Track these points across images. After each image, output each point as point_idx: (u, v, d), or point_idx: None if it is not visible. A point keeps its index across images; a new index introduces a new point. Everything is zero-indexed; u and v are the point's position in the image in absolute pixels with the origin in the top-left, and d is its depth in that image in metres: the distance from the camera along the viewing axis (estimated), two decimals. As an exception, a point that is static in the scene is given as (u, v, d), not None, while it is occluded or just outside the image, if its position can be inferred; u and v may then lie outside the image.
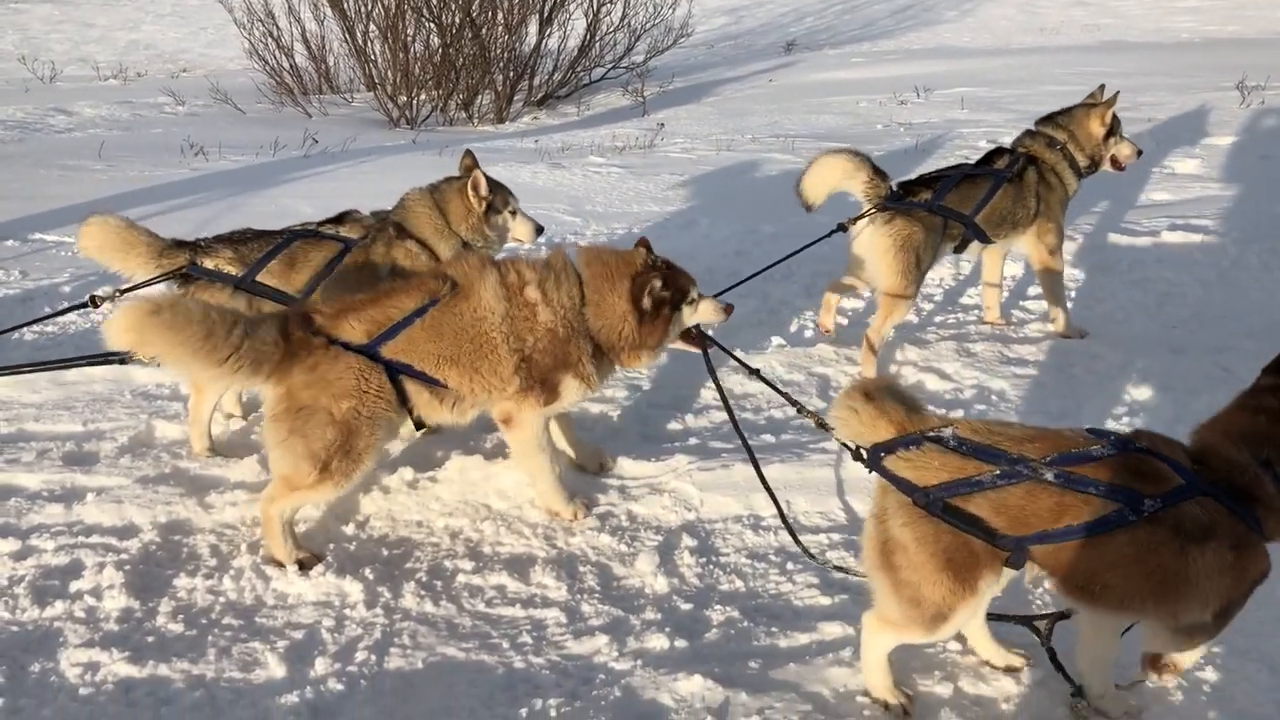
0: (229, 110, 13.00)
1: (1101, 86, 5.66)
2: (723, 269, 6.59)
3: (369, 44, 14.08)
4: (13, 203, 8.11)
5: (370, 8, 13.89)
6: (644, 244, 4.05)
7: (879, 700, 3.06)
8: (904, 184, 5.26)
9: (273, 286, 4.40)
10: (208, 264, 4.39)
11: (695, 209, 8.17)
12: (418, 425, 3.93)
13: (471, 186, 4.78)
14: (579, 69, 15.04)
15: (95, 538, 3.85)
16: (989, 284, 5.93)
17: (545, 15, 14.46)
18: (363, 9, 13.91)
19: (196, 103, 13.33)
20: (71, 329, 5.76)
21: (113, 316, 3.42)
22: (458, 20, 13.77)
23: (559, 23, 14.73)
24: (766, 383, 4.21)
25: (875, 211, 5.09)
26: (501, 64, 14.13)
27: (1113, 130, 5.55)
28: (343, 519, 4.07)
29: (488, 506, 4.12)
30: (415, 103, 13.59)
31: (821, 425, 3.50)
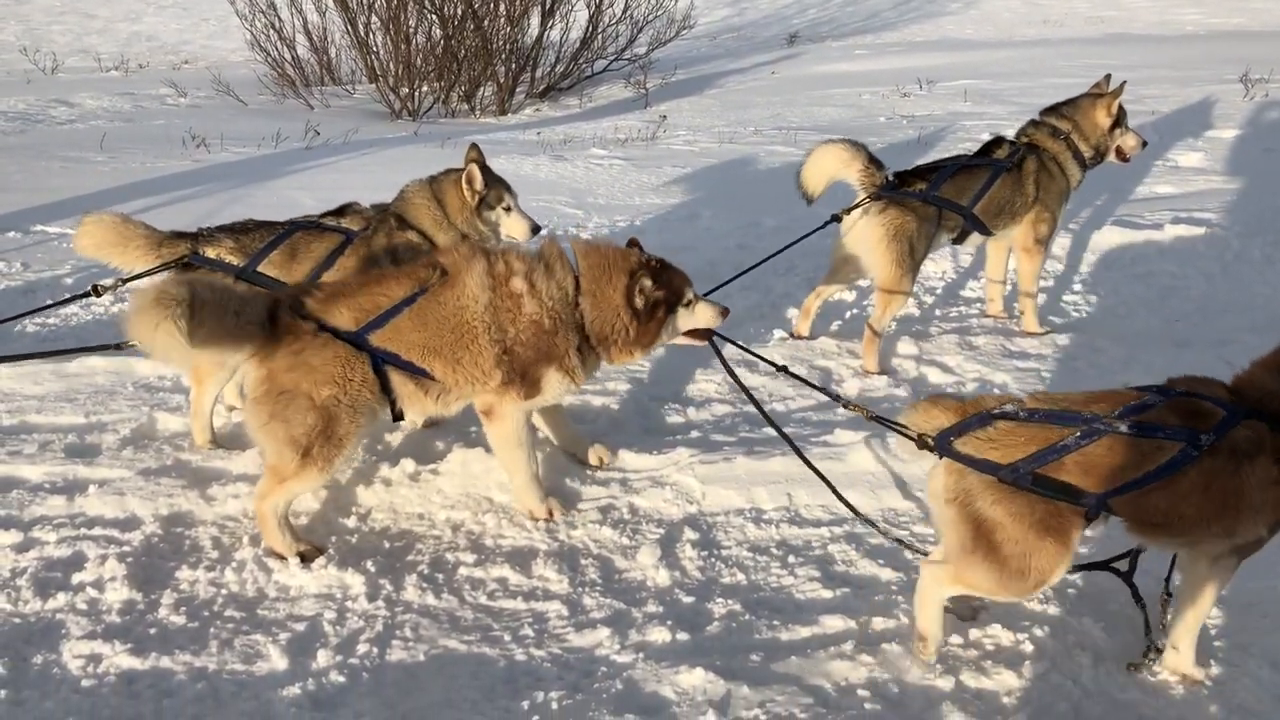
0: (231, 102, 12.98)
1: (1107, 76, 5.63)
2: (725, 262, 6.57)
3: (371, 35, 14.05)
4: (15, 194, 8.10)
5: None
6: (634, 244, 4.01)
7: (920, 633, 3.19)
8: (900, 174, 5.25)
9: (273, 277, 4.40)
10: (209, 253, 4.41)
11: (697, 201, 8.16)
12: (396, 417, 3.88)
13: (466, 180, 4.77)
14: (581, 61, 15.01)
15: (97, 530, 3.85)
16: (992, 277, 5.91)
17: (547, 7, 14.43)
18: (364, 0, 13.89)
19: (198, 94, 13.31)
20: (73, 320, 5.76)
21: (145, 320, 3.34)
22: (460, 12, 13.74)
23: (561, 14, 14.70)
24: (798, 379, 4.20)
25: (869, 201, 5.08)
26: (503, 56, 14.10)
27: (1119, 121, 5.52)
28: (344, 511, 4.07)
29: (489, 499, 4.12)
30: (417, 94, 13.56)
31: (875, 419, 3.53)
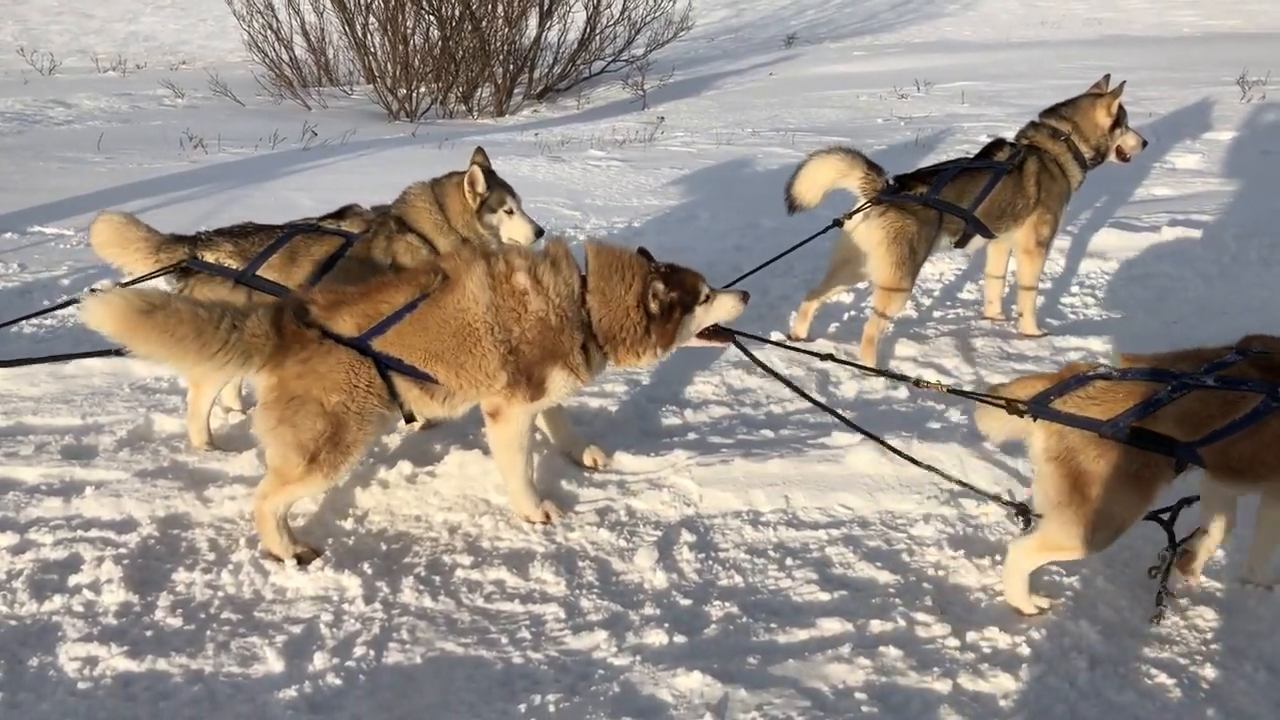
0: (228, 102, 12.97)
1: (1106, 77, 5.62)
2: (723, 263, 6.58)
3: (368, 36, 14.05)
4: (11, 195, 8.09)
5: (370, 0, 13.86)
6: (643, 253, 3.99)
7: (1016, 609, 3.42)
8: (901, 178, 5.25)
9: (273, 281, 4.39)
10: (208, 257, 4.39)
11: (695, 203, 8.16)
12: (408, 418, 3.91)
13: (468, 182, 4.76)
14: (579, 62, 15.00)
15: (94, 532, 3.84)
16: (991, 278, 5.91)
17: (545, 8, 14.43)
18: (362, 1, 13.88)
19: (196, 95, 13.30)
20: (70, 322, 5.74)
21: (95, 306, 3.39)
22: (457, 13, 13.74)
23: (559, 15, 14.70)
24: (843, 362, 4.36)
25: (870, 205, 5.08)
26: (501, 57, 14.10)
27: (1119, 121, 5.51)
28: (341, 514, 4.06)
29: (487, 501, 4.11)
30: (415, 95, 13.56)
31: (953, 392, 3.87)
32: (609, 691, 3.10)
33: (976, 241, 5.41)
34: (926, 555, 3.74)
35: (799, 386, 4.03)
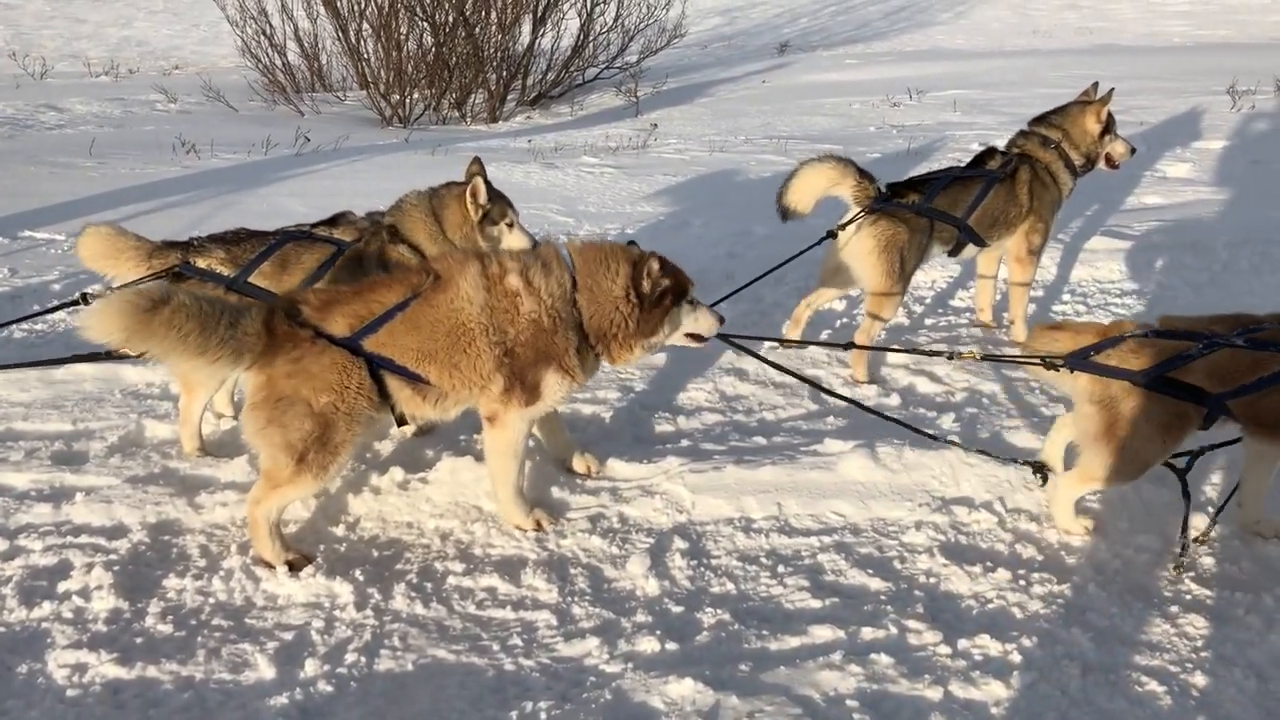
0: (221, 108, 12.96)
1: (1095, 84, 5.64)
2: (715, 270, 6.59)
3: (362, 42, 14.05)
4: (2, 200, 8.07)
5: (363, 6, 13.86)
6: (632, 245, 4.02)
7: (1064, 529, 3.87)
8: (893, 186, 5.26)
9: (264, 288, 4.38)
10: (200, 263, 4.38)
11: (688, 210, 8.17)
12: (399, 421, 3.90)
13: (470, 194, 4.75)
14: (572, 69, 15.03)
15: (84, 538, 3.83)
16: (983, 286, 5.92)
17: (539, 15, 14.45)
18: (356, 7, 13.88)
19: (188, 100, 13.29)
20: (61, 326, 5.74)
21: (99, 308, 3.37)
22: (451, 19, 13.76)
23: (552, 22, 14.72)
24: (883, 349, 4.69)
25: (863, 213, 5.09)
26: (495, 63, 14.12)
27: (1108, 127, 5.53)
28: (333, 520, 4.06)
29: (479, 508, 4.11)
30: (408, 101, 13.57)
31: (989, 358, 4.41)
32: (601, 699, 3.10)
33: (969, 250, 5.42)
34: (918, 562, 3.74)
35: (822, 384, 4.06)
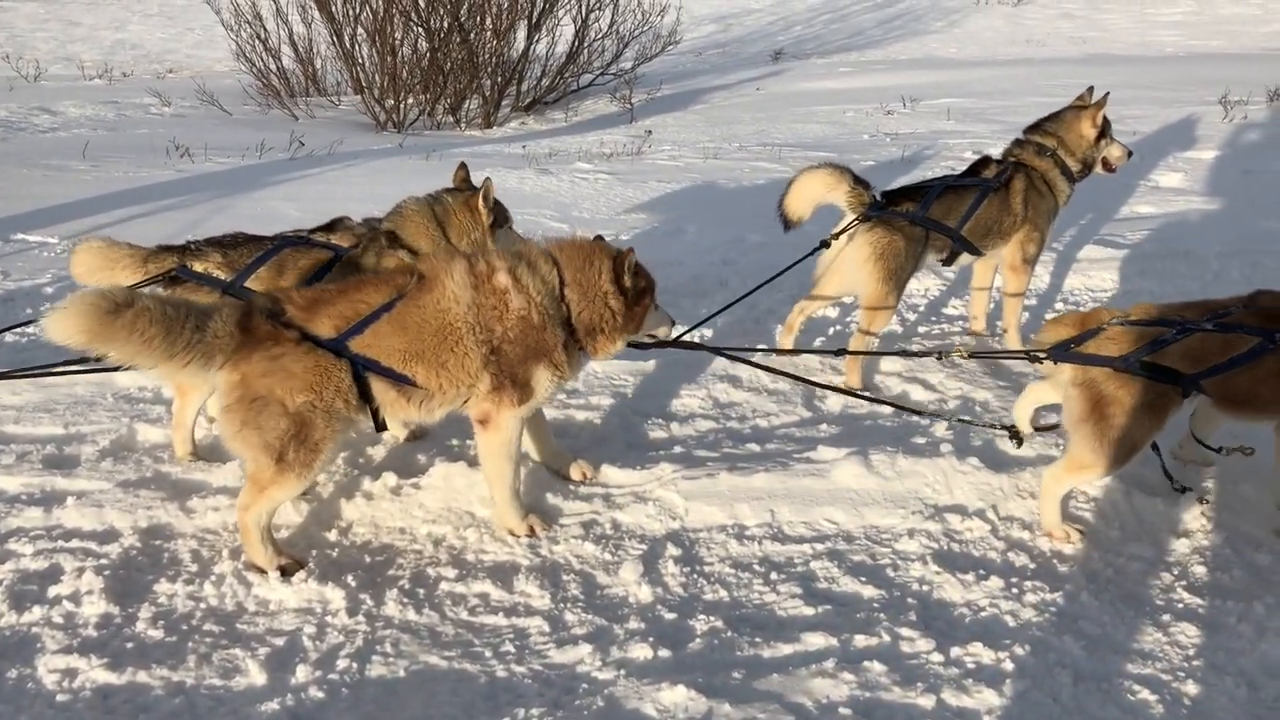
0: (215, 112, 12.95)
1: (1090, 89, 5.64)
2: (710, 277, 6.60)
3: (357, 47, 14.04)
4: (-5, 202, 8.05)
5: (358, 11, 13.86)
6: (599, 240, 4.08)
7: (1050, 534, 3.91)
8: (888, 193, 5.27)
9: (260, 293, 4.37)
10: (197, 267, 4.37)
11: (682, 216, 8.18)
12: (379, 427, 3.85)
13: (483, 198, 4.74)
14: (567, 75, 15.03)
15: (75, 542, 3.82)
16: (977, 294, 5.93)
17: (534, 21, 14.45)
18: (351, 12, 13.88)
19: (183, 104, 13.27)
20: (53, 331, 5.70)
21: (61, 309, 3.29)
22: (446, 24, 13.76)
23: (547, 28, 14.71)
24: (895, 353, 4.69)
25: (858, 221, 5.10)
26: (489, 69, 14.11)
27: (1104, 132, 5.52)
28: (325, 525, 4.05)
29: (471, 514, 4.10)
30: (402, 106, 13.56)
31: (976, 355, 4.67)
32: (593, 705, 3.10)
33: (964, 259, 5.43)
34: (911, 570, 3.75)
35: (814, 381, 4.10)
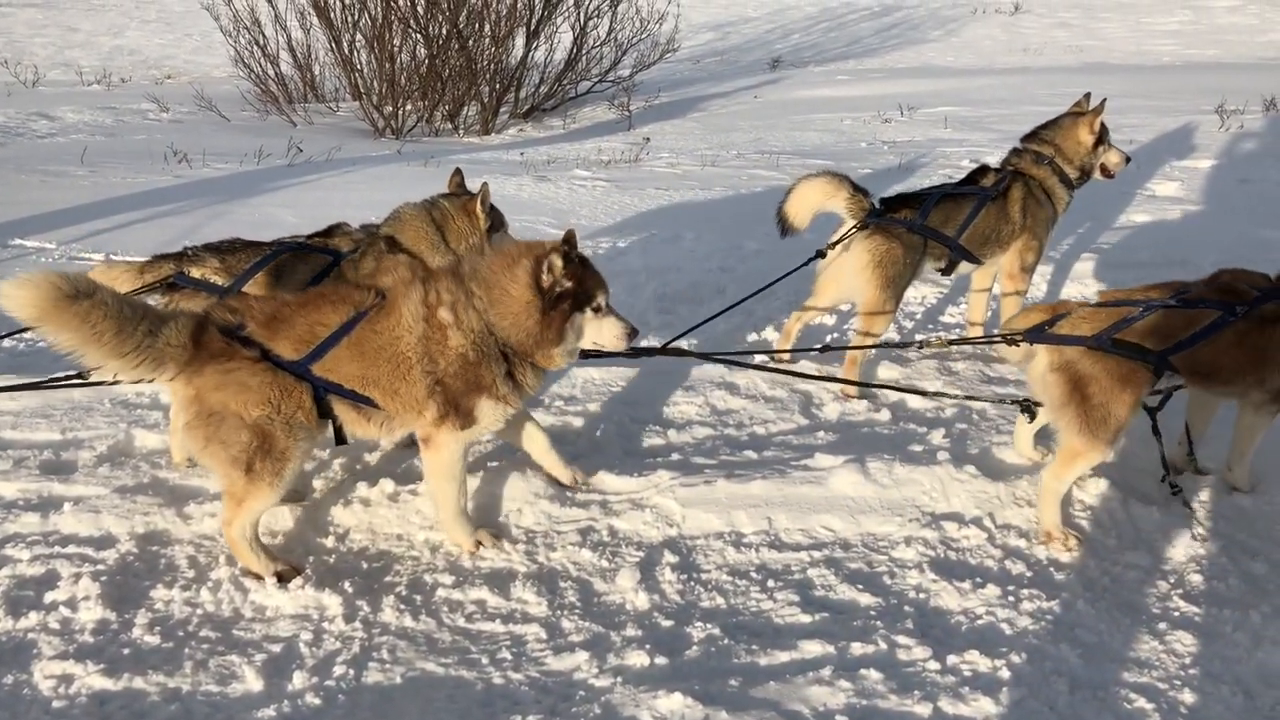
0: (213, 117, 12.96)
1: (1087, 95, 5.64)
2: (707, 284, 6.60)
3: (355, 53, 14.08)
4: (-7, 207, 8.05)
5: (357, 17, 13.90)
6: (570, 237, 3.80)
7: (1049, 535, 3.94)
8: (887, 200, 5.28)
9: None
10: (194, 273, 4.37)
11: (680, 223, 8.19)
12: (338, 440, 3.83)
13: (481, 201, 4.76)
14: (565, 82, 15.07)
15: (71, 548, 3.81)
16: (976, 298, 5.93)
17: (532, 28, 14.49)
18: (349, 18, 13.92)
19: (181, 109, 13.29)
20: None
21: (19, 281, 3.31)
22: (444, 31, 13.79)
23: (545, 36, 14.76)
24: (926, 343, 4.67)
25: (856, 229, 5.11)
26: (488, 76, 14.15)
27: (1101, 138, 5.53)
28: (322, 532, 4.04)
29: (469, 520, 4.10)
30: (401, 113, 13.59)
31: (955, 342, 4.67)
32: (590, 713, 3.09)
33: (963, 267, 5.44)
34: (908, 578, 3.75)
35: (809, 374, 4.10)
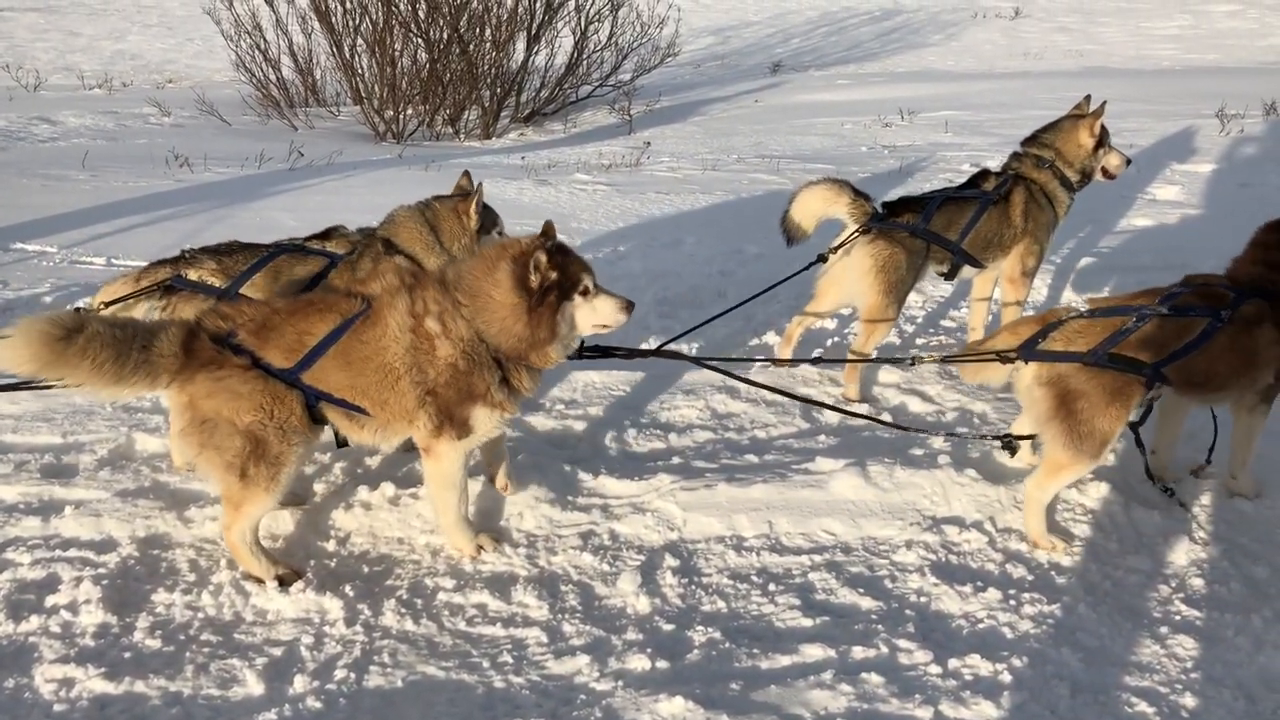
0: (214, 122, 12.97)
1: (1087, 97, 5.63)
2: (707, 288, 6.61)
3: (356, 58, 14.09)
4: (-5, 211, 8.06)
5: (358, 22, 13.91)
6: (548, 229, 3.68)
7: (1036, 543, 3.91)
8: (888, 204, 5.28)
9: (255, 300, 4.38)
10: (192, 275, 4.38)
11: (680, 228, 8.19)
12: (339, 443, 3.86)
13: (473, 203, 4.77)
14: (566, 86, 15.09)
15: (73, 551, 3.81)
16: (977, 305, 5.93)
17: (533, 32, 14.51)
18: (350, 23, 13.94)
19: (182, 114, 13.30)
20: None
21: (10, 337, 3.26)
22: (445, 36, 13.81)
23: (547, 40, 14.78)
24: (938, 359, 4.62)
25: (858, 234, 5.11)
26: (489, 80, 14.17)
27: (1102, 140, 5.52)
28: (323, 535, 4.04)
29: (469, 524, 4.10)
30: (402, 117, 13.60)
31: (946, 360, 4.52)
32: (591, 716, 3.09)
33: (966, 272, 5.43)
34: (909, 582, 3.75)
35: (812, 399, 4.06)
